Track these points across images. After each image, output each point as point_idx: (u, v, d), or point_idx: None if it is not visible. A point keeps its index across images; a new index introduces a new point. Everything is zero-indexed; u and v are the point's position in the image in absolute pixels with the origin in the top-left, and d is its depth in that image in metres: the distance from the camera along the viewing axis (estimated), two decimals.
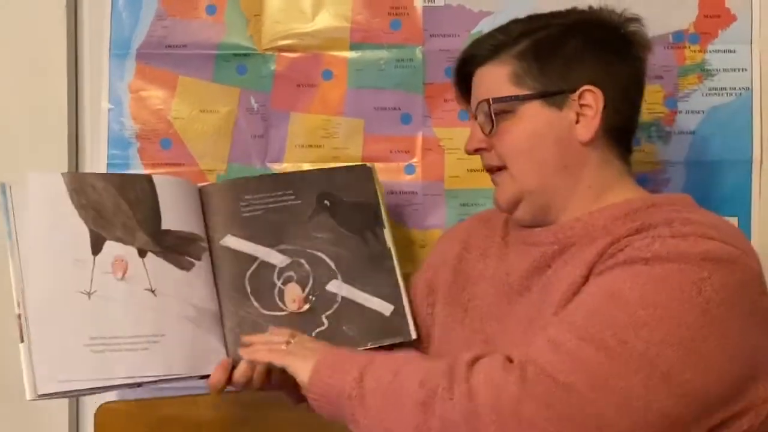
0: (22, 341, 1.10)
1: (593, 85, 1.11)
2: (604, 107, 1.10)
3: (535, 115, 1.12)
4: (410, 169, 1.47)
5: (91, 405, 1.47)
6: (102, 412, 1.42)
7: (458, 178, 1.46)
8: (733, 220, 1.43)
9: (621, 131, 1.15)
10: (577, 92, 1.11)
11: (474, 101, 1.17)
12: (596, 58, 1.13)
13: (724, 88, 1.45)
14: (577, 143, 1.12)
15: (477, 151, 1.18)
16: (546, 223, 1.15)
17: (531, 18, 1.18)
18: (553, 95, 1.11)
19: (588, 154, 1.12)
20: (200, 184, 1.29)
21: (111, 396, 1.47)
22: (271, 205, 1.28)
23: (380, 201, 1.32)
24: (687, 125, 1.46)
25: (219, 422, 1.44)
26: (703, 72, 1.46)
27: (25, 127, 1.49)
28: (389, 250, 1.30)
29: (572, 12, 1.18)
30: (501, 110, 1.12)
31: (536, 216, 1.15)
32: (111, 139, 1.47)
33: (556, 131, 1.11)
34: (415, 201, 1.46)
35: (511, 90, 1.12)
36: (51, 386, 1.09)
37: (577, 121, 1.11)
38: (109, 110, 1.47)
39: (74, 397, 1.43)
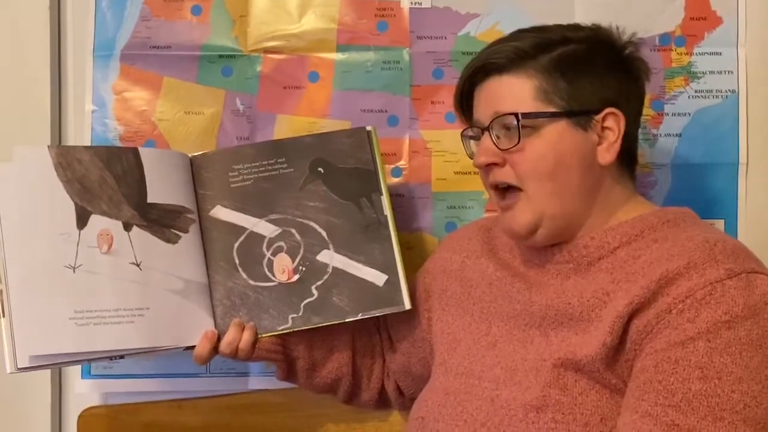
0: (3, 316, 1.13)
1: (615, 107, 1.11)
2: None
3: (561, 135, 1.10)
4: (397, 172, 1.46)
5: (74, 410, 1.46)
6: (85, 417, 1.41)
7: (445, 180, 1.45)
8: (720, 223, 1.44)
9: (630, 151, 1.16)
10: (601, 114, 1.11)
11: (487, 111, 1.13)
12: (617, 80, 1.13)
13: (711, 91, 1.45)
14: (597, 166, 1.12)
15: (488, 165, 1.14)
16: (559, 243, 1.14)
17: (542, 29, 1.15)
18: (580, 115, 1.10)
19: (604, 176, 1.13)
20: (191, 154, 1.30)
21: (95, 401, 1.46)
22: (261, 174, 1.28)
23: (379, 167, 1.30)
24: (673, 128, 1.45)
25: (202, 427, 1.44)
26: (690, 74, 1.46)
27: (7, 129, 1.48)
28: (386, 217, 1.27)
29: (581, 27, 1.17)
30: (525, 125, 1.09)
31: (552, 240, 1.14)
32: (94, 140, 1.45)
33: (581, 153, 1.11)
34: (402, 203, 1.45)
35: (536, 105, 1.10)
36: (33, 360, 1.12)
37: (599, 144, 1.11)
38: (93, 112, 1.46)
39: (55, 367, 1.42)
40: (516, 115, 1.09)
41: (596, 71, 1.12)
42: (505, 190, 1.14)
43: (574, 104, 1.10)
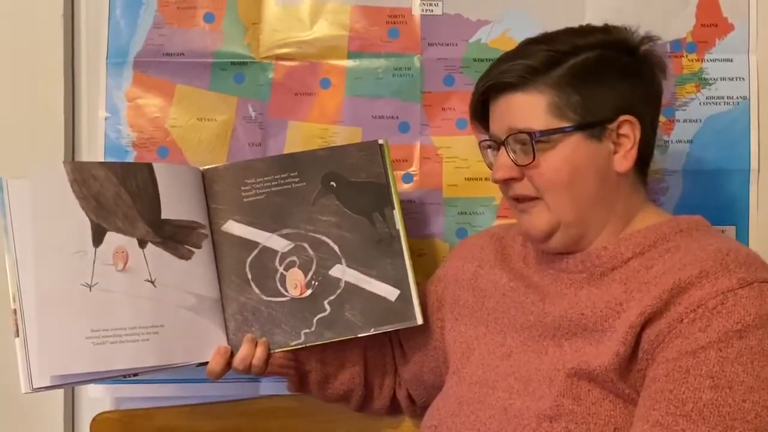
0: (17, 336, 1.11)
1: (630, 114, 1.10)
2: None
3: (575, 148, 1.10)
4: (408, 178, 1.46)
5: (87, 414, 1.47)
6: (98, 421, 1.42)
7: (456, 186, 1.46)
8: (731, 230, 1.44)
9: (645, 158, 1.15)
10: (616, 122, 1.10)
11: (501, 128, 1.13)
12: (631, 85, 1.12)
13: (722, 97, 1.45)
14: (613, 174, 1.12)
15: (507, 180, 1.14)
16: (574, 251, 1.14)
17: (551, 39, 1.14)
18: (594, 127, 1.10)
19: (621, 183, 1.13)
20: (203, 167, 1.29)
21: (108, 405, 1.46)
22: (274, 189, 1.28)
23: (391, 181, 1.29)
24: (685, 134, 1.45)
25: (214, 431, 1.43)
26: (701, 81, 1.45)
27: (21, 136, 1.49)
28: (398, 232, 1.27)
29: (592, 31, 1.15)
30: (540, 141, 1.09)
31: (568, 246, 1.14)
32: (108, 147, 1.46)
33: (597, 163, 1.11)
34: (413, 210, 1.45)
35: (550, 121, 1.10)
36: (49, 379, 1.11)
37: (615, 152, 1.11)
38: (106, 118, 1.47)
39: (71, 386, 1.43)
40: (530, 134, 1.09)
41: (609, 79, 1.11)
42: (526, 201, 1.14)
43: (587, 116, 1.10)
